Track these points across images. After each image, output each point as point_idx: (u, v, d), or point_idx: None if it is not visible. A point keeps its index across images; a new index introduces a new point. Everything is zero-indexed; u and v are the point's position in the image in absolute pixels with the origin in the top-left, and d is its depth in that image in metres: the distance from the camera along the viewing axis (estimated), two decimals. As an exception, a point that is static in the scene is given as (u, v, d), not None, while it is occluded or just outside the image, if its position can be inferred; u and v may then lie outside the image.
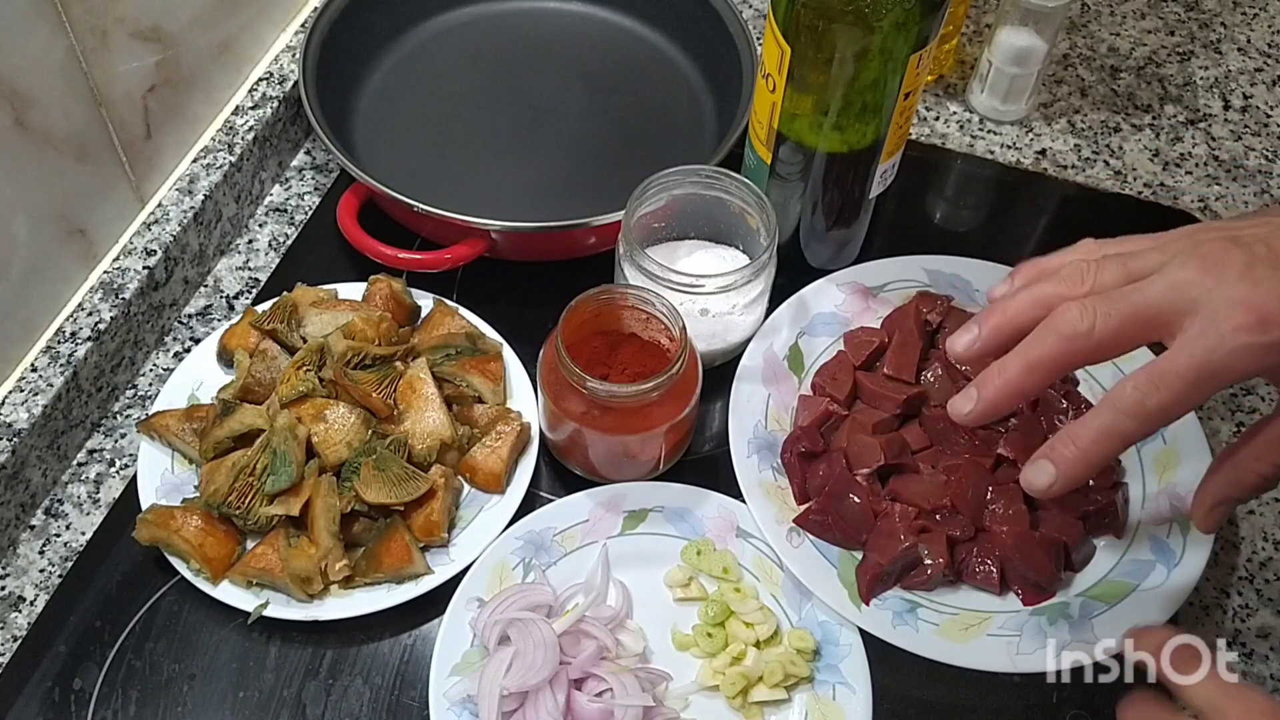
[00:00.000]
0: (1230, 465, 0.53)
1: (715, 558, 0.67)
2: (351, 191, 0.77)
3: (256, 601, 0.65)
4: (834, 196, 0.74)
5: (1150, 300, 0.48)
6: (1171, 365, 0.48)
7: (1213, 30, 1.01)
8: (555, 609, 0.65)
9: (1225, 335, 0.46)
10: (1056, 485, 0.50)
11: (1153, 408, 0.48)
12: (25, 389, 0.69)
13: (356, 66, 0.88)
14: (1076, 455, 0.50)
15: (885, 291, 0.77)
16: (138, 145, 0.75)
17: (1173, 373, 0.47)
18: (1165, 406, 0.48)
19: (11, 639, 0.65)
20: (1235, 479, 0.53)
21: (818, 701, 0.63)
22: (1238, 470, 0.53)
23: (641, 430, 0.66)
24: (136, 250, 0.75)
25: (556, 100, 0.88)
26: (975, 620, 0.65)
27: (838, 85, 0.66)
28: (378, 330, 0.72)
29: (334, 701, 0.64)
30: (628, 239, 0.69)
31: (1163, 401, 0.48)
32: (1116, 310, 0.49)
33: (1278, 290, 0.46)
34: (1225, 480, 0.53)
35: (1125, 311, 0.48)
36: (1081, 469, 0.50)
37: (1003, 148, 0.91)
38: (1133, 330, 0.49)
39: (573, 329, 0.66)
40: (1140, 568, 0.66)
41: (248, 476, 0.65)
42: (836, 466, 0.67)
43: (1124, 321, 0.49)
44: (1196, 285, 0.48)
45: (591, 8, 0.94)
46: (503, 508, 0.69)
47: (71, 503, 0.71)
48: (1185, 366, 0.47)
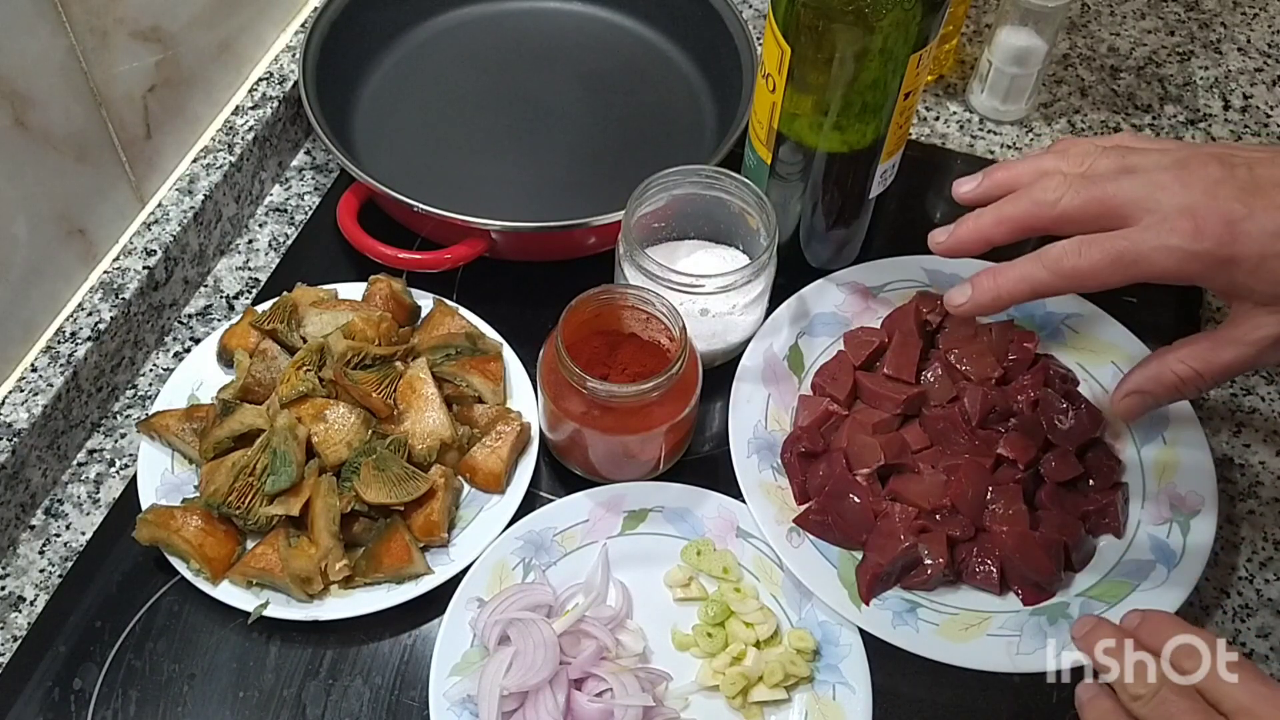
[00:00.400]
0: (1156, 362, 0.56)
1: (715, 558, 0.67)
2: (351, 191, 0.77)
3: (256, 601, 0.65)
4: (834, 196, 0.74)
5: (1119, 192, 0.52)
6: (1102, 240, 0.52)
7: (1213, 30, 1.01)
8: (555, 609, 0.65)
9: (1159, 233, 0.50)
10: (967, 306, 0.57)
11: (1068, 269, 0.53)
12: (25, 389, 0.69)
13: (356, 66, 0.88)
14: (992, 288, 0.56)
15: (885, 291, 0.77)
16: (138, 145, 0.75)
17: (1099, 246, 0.52)
18: (1080, 271, 0.52)
19: (11, 639, 0.65)
20: (1156, 374, 0.56)
21: (818, 701, 0.63)
22: (1161, 368, 0.56)
23: (641, 430, 0.66)
24: (136, 250, 0.75)
25: (556, 100, 0.88)
26: (975, 620, 0.65)
27: (838, 85, 0.66)
28: (378, 330, 0.72)
29: (334, 701, 0.64)
30: (628, 239, 0.69)
31: (1079, 266, 0.52)
32: (1086, 193, 0.53)
33: (1229, 209, 0.50)
34: (1147, 374, 0.57)
35: (1094, 195, 0.53)
36: (991, 300, 0.56)
37: (1003, 148, 0.91)
38: (1095, 212, 0.53)
39: (573, 329, 0.66)
40: (1140, 568, 0.66)
41: (248, 476, 0.65)
42: (836, 466, 0.67)
43: (1088, 203, 0.53)
44: (1164, 189, 0.51)
45: (591, 8, 0.94)
46: (503, 508, 0.69)
47: (71, 503, 0.71)
48: (1112, 245, 0.51)
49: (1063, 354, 0.75)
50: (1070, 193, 0.53)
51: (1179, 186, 0.51)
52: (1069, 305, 0.76)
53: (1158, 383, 0.56)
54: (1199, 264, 0.50)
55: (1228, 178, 0.51)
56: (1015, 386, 0.71)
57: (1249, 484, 0.74)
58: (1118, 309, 0.75)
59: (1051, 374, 0.72)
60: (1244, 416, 0.77)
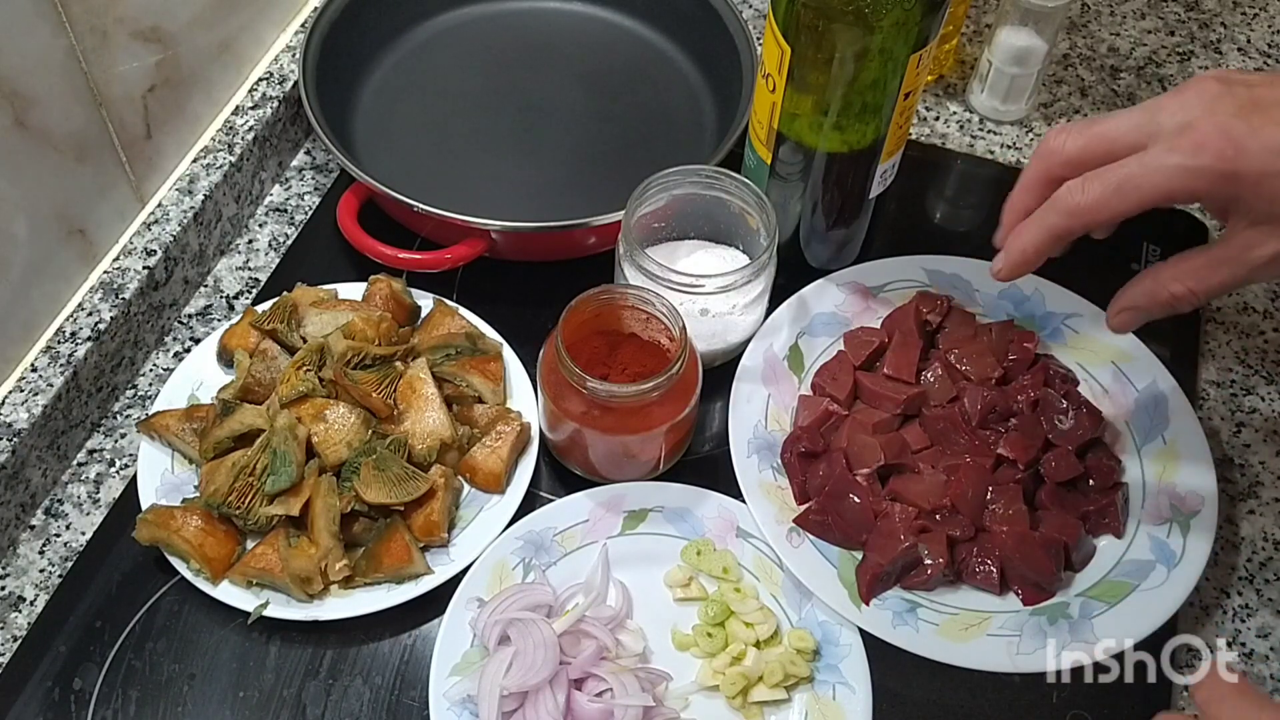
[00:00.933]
0: (1150, 277, 0.56)
1: (715, 558, 0.67)
2: (351, 191, 0.77)
3: (256, 601, 0.65)
4: (834, 196, 0.74)
5: (1121, 122, 0.53)
6: (1104, 173, 0.52)
7: (1213, 30, 1.01)
8: (555, 609, 0.65)
9: (1160, 154, 0.50)
10: (1004, 270, 0.57)
11: (1074, 206, 0.53)
12: (25, 389, 0.69)
13: (356, 66, 0.88)
14: (1019, 247, 0.56)
15: (885, 291, 0.77)
16: (138, 145, 0.75)
17: (1100, 179, 0.52)
18: (1086, 207, 0.52)
19: (11, 639, 0.65)
20: (1151, 291, 0.56)
21: (818, 701, 0.63)
22: (1155, 283, 0.56)
23: (641, 430, 0.66)
24: (136, 250, 0.75)
25: (557, 100, 0.88)
26: (975, 620, 0.65)
27: (838, 85, 0.66)
28: (378, 330, 0.72)
29: (334, 701, 0.64)
30: (628, 239, 0.69)
31: (1083, 202, 0.52)
32: (1090, 129, 0.53)
33: (1229, 124, 0.49)
34: (1142, 289, 0.57)
35: (1096, 130, 0.53)
36: (1021, 257, 0.56)
37: (1003, 148, 0.91)
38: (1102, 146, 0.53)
39: (573, 329, 0.66)
40: (1140, 568, 0.66)
41: (248, 476, 0.65)
42: (836, 466, 0.67)
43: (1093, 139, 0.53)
44: (1166, 111, 0.51)
45: (591, 8, 0.94)
46: (503, 508, 0.69)
47: (71, 503, 0.71)
48: (1113, 175, 0.51)
49: (1063, 354, 0.75)
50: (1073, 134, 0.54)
51: (1177, 105, 0.51)
52: (1069, 305, 0.76)
53: (1152, 299, 0.56)
54: (1201, 180, 0.50)
55: (1226, 94, 0.51)
56: (1015, 386, 0.71)
57: (1249, 484, 0.74)
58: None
59: (1051, 374, 0.72)
60: (1244, 416, 0.77)
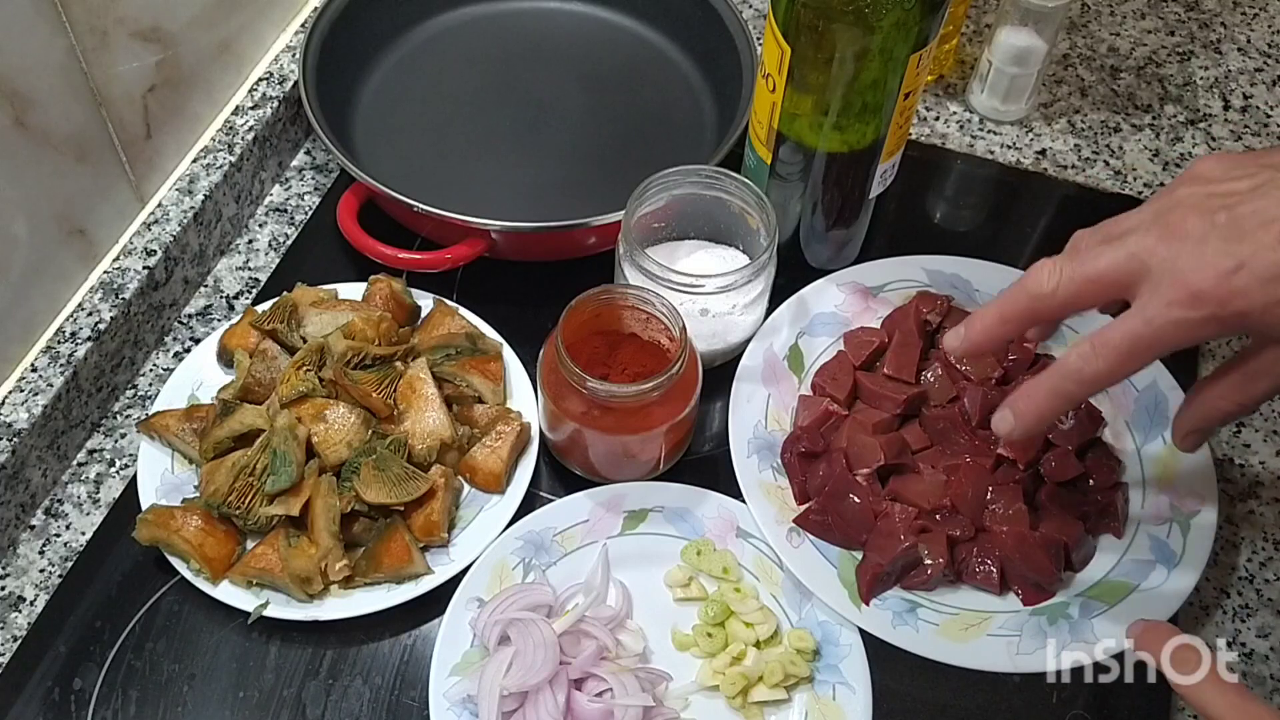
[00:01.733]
0: (1199, 400, 0.58)
1: (715, 558, 0.67)
2: (351, 191, 0.77)
3: (256, 601, 0.65)
4: (834, 196, 0.74)
5: (1108, 266, 0.52)
6: (1111, 336, 0.52)
7: (1213, 30, 1.01)
8: (555, 609, 0.65)
9: (1160, 310, 0.50)
10: (1016, 432, 0.56)
11: (1090, 375, 0.53)
12: (25, 389, 0.69)
13: (356, 66, 0.88)
14: (1034, 411, 0.56)
15: (885, 291, 0.77)
16: (138, 145, 0.75)
17: (1110, 344, 0.52)
18: (1101, 374, 0.53)
19: (11, 639, 0.65)
20: (1206, 413, 0.58)
21: (818, 701, 0.63)
22: (1208, 407, 0.57)
23: (641, 430, 0.66)
24: (136, 250, 0.75)
25: (556, 100, 0.88)
26: (975, 620, 0.65)
27: (838, 85, 0.66)
28: (378, 330, 0.72)
29: (334, 701, 0.64)
30: (628, 239, 0.69)
31: (1099, 370, 0.52)
32: (1079, 273, 0.53)
33: (1218, 264, 0.49)
34: (1197, 413, 0.58)
35: (1086, 274, 0.53)
36: (1034, 422, 0.56)
37: (1003, 148, 0.91)
38: (1093, 292, 0.53)
39: (573, 329, 0.66)
40: (1140, 568, 0.66)
41: (248, 476, 0.65)
42: (836, 466, 0.67)
43: (1084, 284, 0.53)
44: (1151, 254, 0.51)
45: (591, 8, 0.94)
46: (503, 508, 0.69)
47: (71, 503, 0.71)
48: (1121, 338, 0.52)
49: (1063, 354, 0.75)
50: (1064, 280, 0.54)
51: (1165, 251, 0.51)
52: (1069, 305, 0.76)
53: (1208, 419, 0.58)
54: (1209, 328, 0.50)
55: (1209, 229, 0.50)
56: (1015, 386, 0.71)
57: (1249, 484, 0.74)
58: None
59: (1051, 374, 0.72)
60: (1244, 416, 0.77)
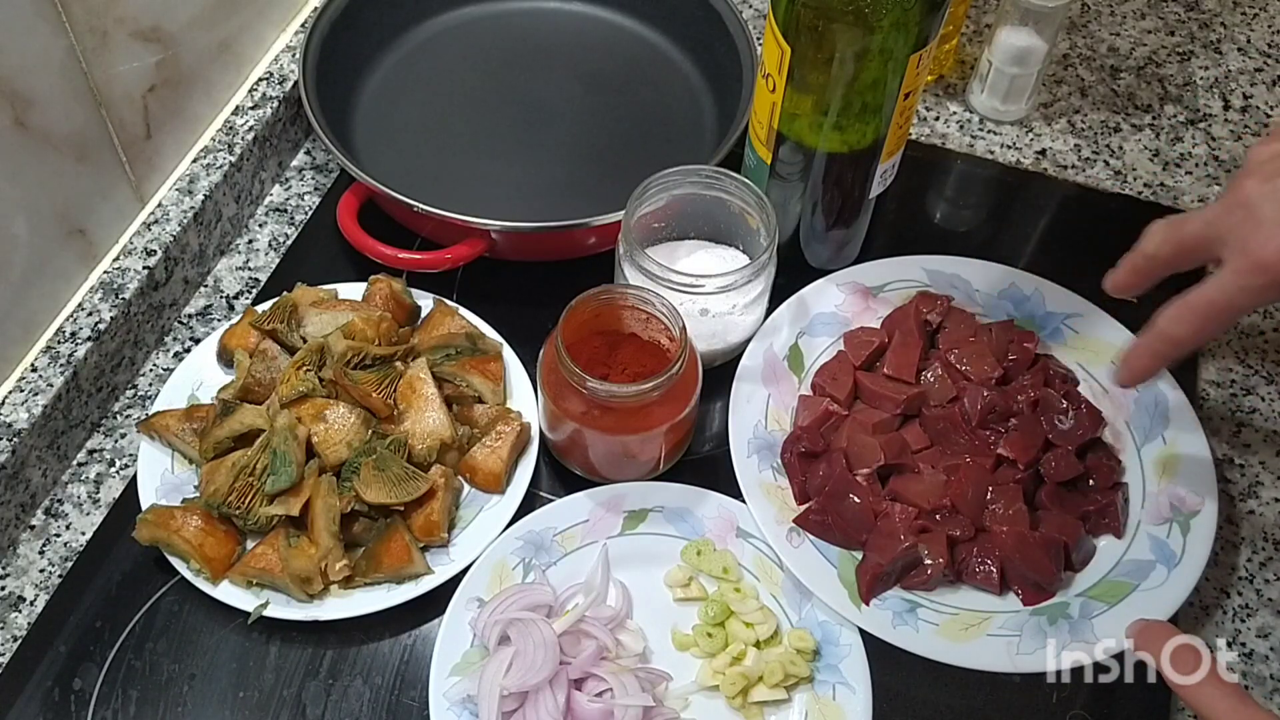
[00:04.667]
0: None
1: (715, 558, 0.67)
2: (351, 191, 0.77)
3: (256, 601, 0.65)
4: (834, 196, 0.74)
5: (1188, 233, 0.59)
6: (1192, 300, 0.58)
7: (1213, 30, 1.01)
8: (555, 609, 0.65)
9: (1230, 278, 0.56)
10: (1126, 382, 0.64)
11: (1178, 337, 0.59)
12: (25, 389, 0.69)
13: (356, 66, 0.88)
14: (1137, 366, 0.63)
15: (885, 291, 0.77)
16: (138, 145, 0.75)
17: (1191, 308, 0.58)
18: (1186, 336, 0.59)
19: (11, 639, 0.65)
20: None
21: (818, 701, 0.63)
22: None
23: (641, 430, 0.66)
24: (136, 250, 0.75)
25: (556, 100, 0.88)
26: (975, 620, 0.65)
27: (838, 85, 0.66)
28: (378, 330, 0.72)
29: (334, 701, 0.64)
30: (628, 239, 0.69)
31: (1184, 333, 0.59)
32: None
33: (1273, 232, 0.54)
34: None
35: (1174, 238, 0.60)
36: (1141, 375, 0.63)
37: (1003, 148, 0.91)
38: (1183, 252, 0.60)
39: (573, 329, 0.66)
40: (1140, 568, 0.66)
41: (248, 476, 0.65)
42: (836, 466, 0.67)
43: (1176, 247, 0.60)
44: (1222, 223, 0.57)
45: (591, 8, 0.94)
46: (503, 508, 0.69)
47: (71, 503, 0.71)
48: (1200, 302, 0.58)
49: (1063, 354, 0.75)
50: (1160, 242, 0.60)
51: (1233, 220, 0.56)
52: (1069, 305, 0.76)
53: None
54: (1271, 293, 0.55)
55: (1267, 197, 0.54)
56: (1015, 386, 0.71)
57: (1249, 484, 0.74)
58: (1118, 309, 0.76)
59: (1051, 374, 0.72)
60: (1244, 416, 0.77)
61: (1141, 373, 0.63)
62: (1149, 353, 0.62)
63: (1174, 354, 0.61)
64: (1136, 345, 0.62)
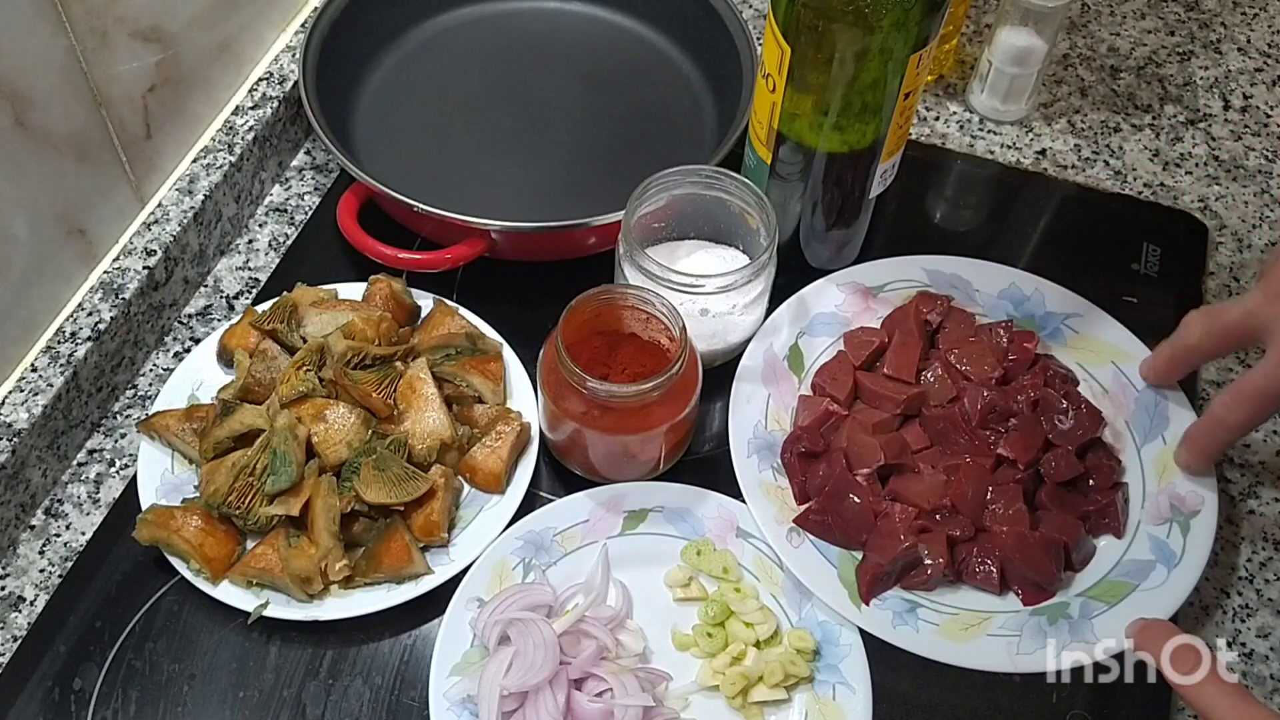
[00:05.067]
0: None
1: (715, 558, 0.67)
2: (351, 191, 0.77)
3: (256, 601, 0.65)
4: (834, 196, 0.74)
5: (1229, 321, 0.64)
6: (1243, 387, 0.63)
7: (1213, 30, 1.01)
8: (555, 609, 0.65)
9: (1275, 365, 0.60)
10: (1193, 469, 0.68)
11: (1234, 423, 0.64)
12: (25, 389, 0.69)
13: (356, 66, 0.88)
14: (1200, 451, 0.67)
15: (885, 291, 0.77)
16: (138, 145, 0.75)
17: (1242, 394, 0.63)
18: (1243, 422, 0.64)
19: (11, 639, 0.65)
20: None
21: (818, 701, 0.63)
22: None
23: (641, 430, 0.66)
24: (136, 250, 0.75)
25: (556, 100, 0.88)
26: (975, 620, 0.65)
27: (838, 85, 0.66)
28: (378, 330, 0.72)
29: (334, 701, 0.64)
30: (628, 239, 0.69)
31: (1239, 419, 0.63)
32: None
33: None
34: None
35: (1215, 331, 0.65)
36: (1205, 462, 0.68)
37: (1003, 148, 0.91)
38: (1225, 342, 0.65)
39: (573, 329, 0.66)
40: (1140, 568, 0.66)
41: (248, 476, 0.65)
42: (836, 466, 0.67)
43: (1218, 339, 0.65)
44: (1264, 313, 0.61)
45: (591, 8, 0.94)
46: (503, 508, 0.69)
47: (71, 503, 0.71)
48: (1251, 389, 0.62)
49: (1063, 354, 0.75)
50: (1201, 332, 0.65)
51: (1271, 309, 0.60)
52: (1069, 305, 0.76)
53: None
54: None
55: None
56: (1015, 386, 0.71)
57: (1249, 484, 0.74)
58: (1118, 309, 0.76)
59: (1051, 374, 0.72)
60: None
61: (1205, 458, 0.67)
62: (1208, 439, 0.66)
63: (1231, 439, 0.65)
64: (1197, 430, 0.67)
